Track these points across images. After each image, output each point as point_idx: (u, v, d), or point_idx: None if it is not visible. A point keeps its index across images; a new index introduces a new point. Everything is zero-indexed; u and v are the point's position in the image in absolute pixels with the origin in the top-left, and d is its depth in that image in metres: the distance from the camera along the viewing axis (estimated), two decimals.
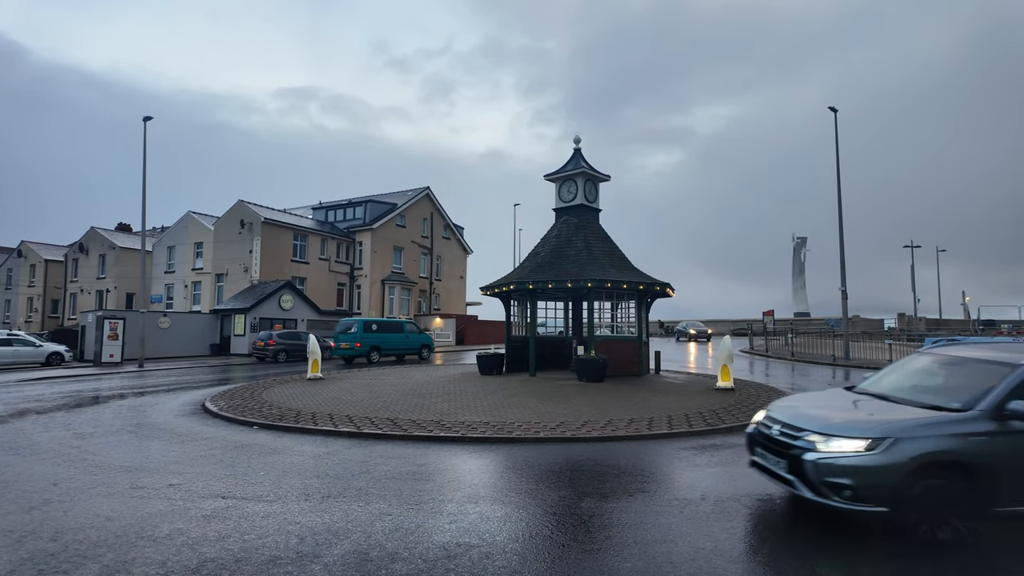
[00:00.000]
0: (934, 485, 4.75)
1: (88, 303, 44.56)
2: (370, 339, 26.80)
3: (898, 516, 4.74)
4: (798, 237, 65.03)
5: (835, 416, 5.40)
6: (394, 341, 28.17)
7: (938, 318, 55.27)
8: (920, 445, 4.80)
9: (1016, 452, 4.86)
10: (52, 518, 5.43)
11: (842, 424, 5.24)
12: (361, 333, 26.46)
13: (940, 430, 4.91)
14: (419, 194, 45.84)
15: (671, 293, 18.43)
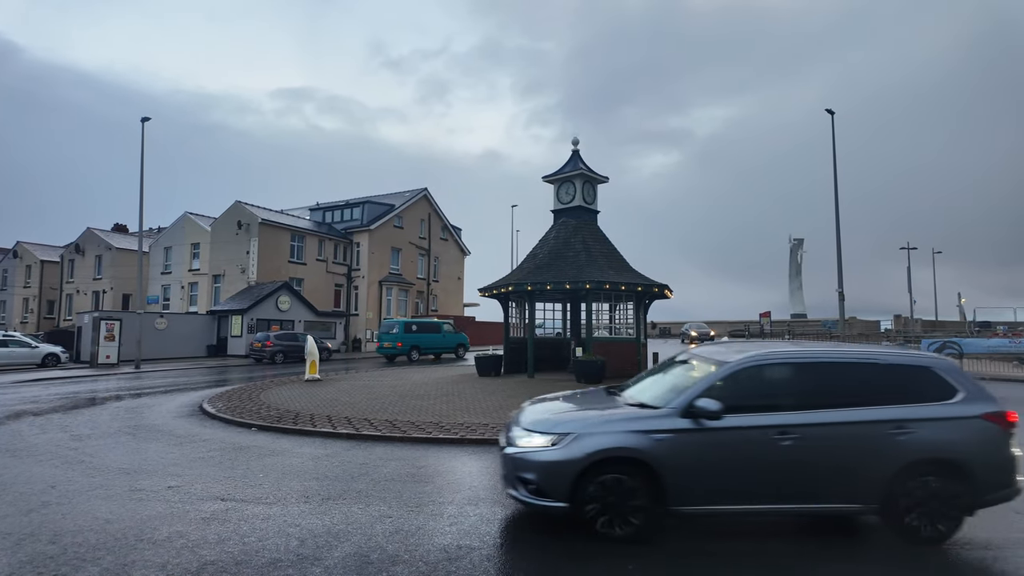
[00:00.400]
0: (611, 481, 4.79)
1: (84, 304, 44.41)
2: (410, 339, 27.89)
3: (578, 511, 4.80)
4: (795, 238, 65.23)
5: (554, 415, 5.44)
6: (432, 341, 28.92)
7: (934, 320, 55.46)
8: (598, 441, 4.86)
9: (700, 451, 4.84)
10: (51, 520, 5.41)
11: (543, 420, 5.31)
12: (402, 333, 27.64)
13: (623, 427, 4.97)
14: (417, 195, 45.81)
15: (669, 295, 18.46)
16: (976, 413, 5.01)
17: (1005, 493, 4.94)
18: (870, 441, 4.86)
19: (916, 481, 4.81)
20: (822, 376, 5.15)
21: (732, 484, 4.83)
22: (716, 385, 5.09)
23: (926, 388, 5.12)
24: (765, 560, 4.65)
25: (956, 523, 4.86)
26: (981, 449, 4.92)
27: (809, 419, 4.91)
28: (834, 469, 4.84)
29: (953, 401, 5.07)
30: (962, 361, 20.94)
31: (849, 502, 4.88)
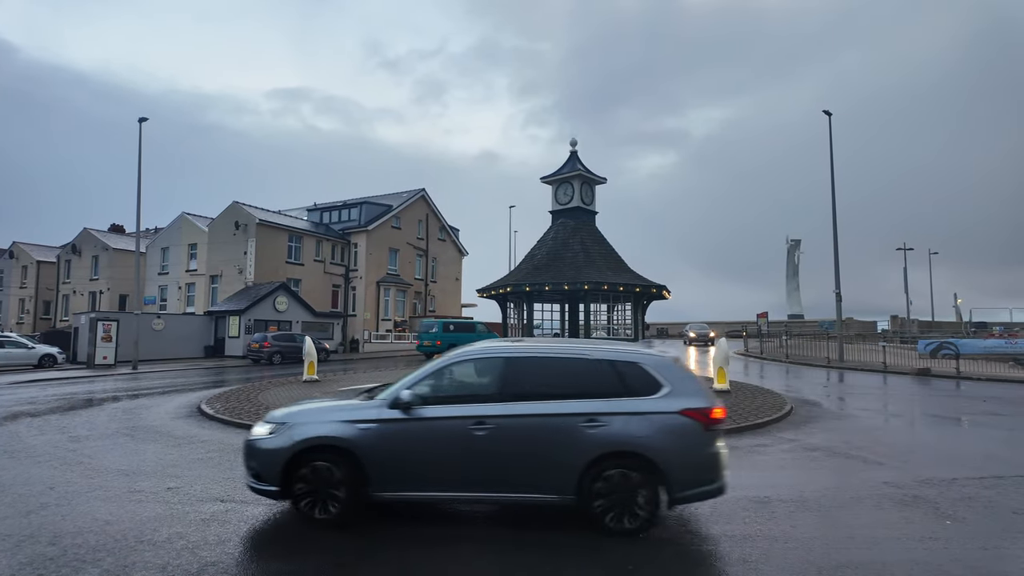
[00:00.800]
0: (320, 468, 5.10)
1: (81, 304, 44.27)
2: (448, 338, 29.03)
3: (288, 495, 5.16)
4: (792, 239, 65.29)
5: (290, 407, 5.71)
6: (468, 339, 29.22)
7: (930, 320, 55.62)
8: (306, 430, 5.19)
9: (402, 440, 5.11)
10: (50, 522, 5.40)
11: (278, 413, 5.64)
12: (440, 332, 29.34)
13: (334, 417, 5.28)
14: (414, 196, 45.80)
15: (667, 295, 18.49)
16: (675, 409, 5.04)
17: (704, 490, 5.00)
18: (562, 433, 5.00)
19: (606, 473, 4.92)
20: (529, 371, 5.33)
21: (432, 472, 5.09)
22: (425, 378, 5.42)
23: (632, 383, 5.19)
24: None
25: (647, 516, 4.90)
26: (675, 444, 4.96)
27: (505, 411, 5.11)
28: (527, 459, 5.01)
29: (655, 396, 5.13)
30: (959, 361, 21.02)
31: (545, 492, 5.01)
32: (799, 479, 6.97)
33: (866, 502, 6.02)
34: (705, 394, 5.22)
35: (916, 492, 6.35)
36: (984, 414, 12.17)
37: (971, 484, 6.65)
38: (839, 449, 8.60)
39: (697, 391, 5.20)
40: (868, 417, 11.77)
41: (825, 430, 10.17)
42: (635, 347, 5.81)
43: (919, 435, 10.39)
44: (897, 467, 7.52)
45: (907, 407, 13.57)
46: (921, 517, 5.54)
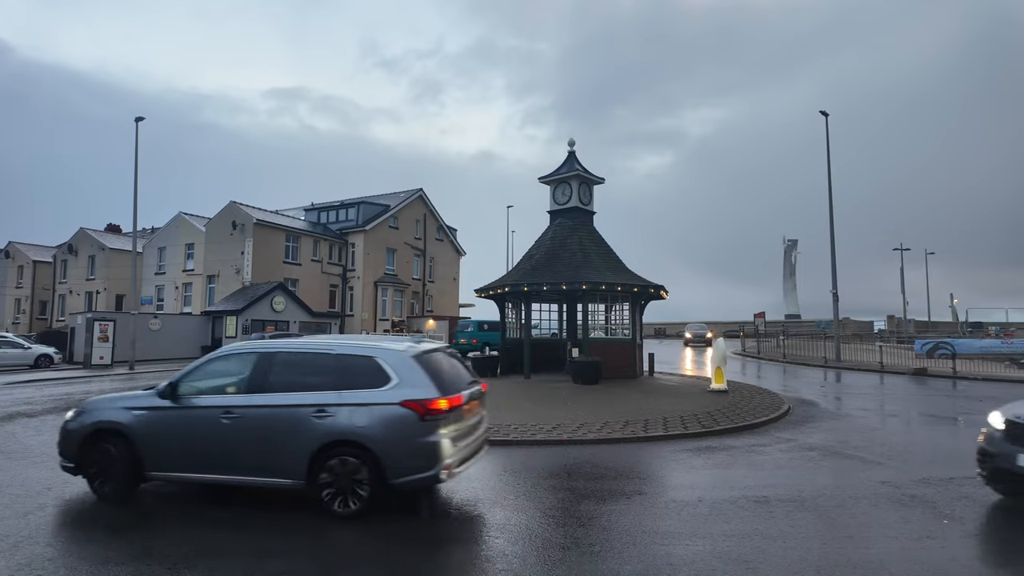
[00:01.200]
0: (102, 448, 5.92)
1: (77, 304, 44.12)
2: (483, 336, 29.90)
3: (82, 472, 6.00)
4: (789, 240, 65.50)
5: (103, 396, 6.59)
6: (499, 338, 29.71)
7: (927, 320, 55.80)
8: (94, 416, 6.11)
9: (166, 426, 5.82)
10: (48, 523, 5.39)
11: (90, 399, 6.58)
12: (476, 331, 30.55)
13: (120, 404, 6.12)
14: (412, 196, 45.77)
15: (664, 295, 18.52)
16: (396, 400, 5.38)
17: (419, 477, 5.32)
18: (293, 423, 5.48)
19: (330, 461, 5.33)
20: (277, 365, 5.85)
21: (192, 456, 5.73)
22: (192, 372, 6.10)
23: (364, 376, 5.57)
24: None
25: (367, 499, 5.29)
26: (390, 434, 5.31)
27: (248, 401, 5.68)
28: (265, 446, 5.52)
29: (382, 388, 5.48)
30: (955, 361, 21.09)
31: (280, 477, 5.50)
32: (797, 479, 6.99)
33: (864, 502, 6.03)
34: (433, 387, 5.48)
35: (914, 492, 6.37)
36: (981, 414, 12.18)
37: (968, 483, 6.67)
38: (837, 449, 8.63)
39: (423, 383, 5.48)
40: (865, 417, 11.80)
41: (823, 430, 10.19)
42: (384, 342, 6.15)
43: (916, 435, 10.43)
44: (895, 467, 7.55)
45: (904, 407, 13.62)
46: (919, 516, 5.56)
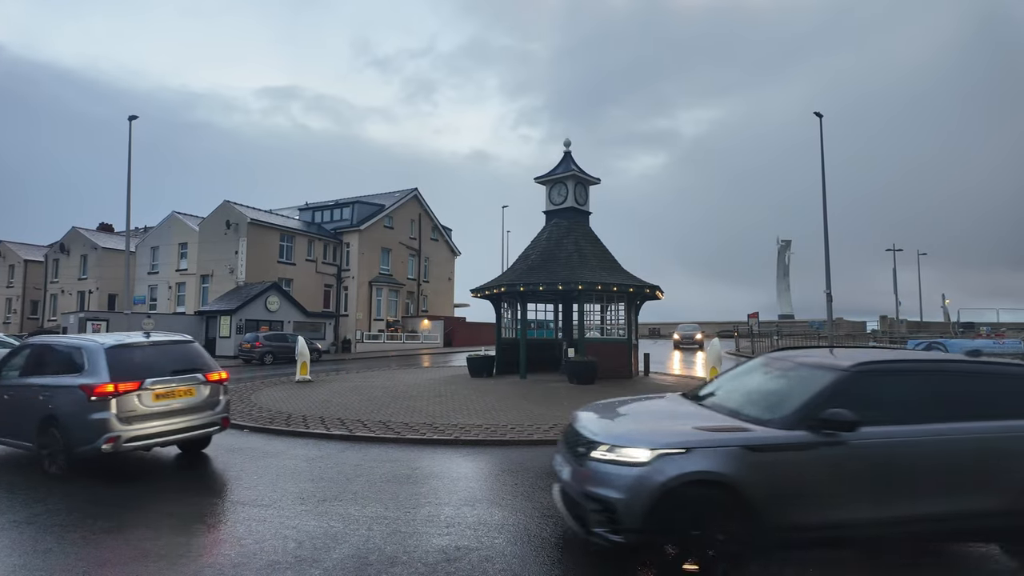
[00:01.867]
0: None
1: (69, 304, 43.81)
2: None
3: None
4: (782, 240, 65.71)
5: None
6: None
7: (919, 320, 56.15)
8: None
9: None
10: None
11: None
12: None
13: None
14: (407, 195, 45.70)
15: (660, 296, 18.58)
16: (77, 384, 6.79)
17: (89, 448, 6.64)
18: (29, 400, 7.19)
19: (46, 430, 6.91)
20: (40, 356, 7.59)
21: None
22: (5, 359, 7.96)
23: (72, 365, 7.09)
24: None
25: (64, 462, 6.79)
26: (71, 410, 6.75)
27: (12, 383, 7.60)
28: (16, 416, 7.36)
29: (76, 375, 6.95)
30: None
31: (23, 440, 7.23)
32: None
33: None
34: (106, 374, 6.79)
35: None
36: None
37: None
38: None
39: (101, 371, 6.82)
40: None
41: None
42: (100, 338, 7.50)
43: None
44: None
45: None
46: None
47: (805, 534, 4.21)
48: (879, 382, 4.57)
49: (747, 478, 4.06)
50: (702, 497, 4.12)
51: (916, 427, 4.33)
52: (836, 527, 4.19)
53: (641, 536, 4.09)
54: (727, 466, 4.09)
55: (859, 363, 4.61)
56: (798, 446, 4.20)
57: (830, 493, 4.17)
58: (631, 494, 4.09)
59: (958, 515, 4.24)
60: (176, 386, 7.28)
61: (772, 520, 4.07)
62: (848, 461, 4.19)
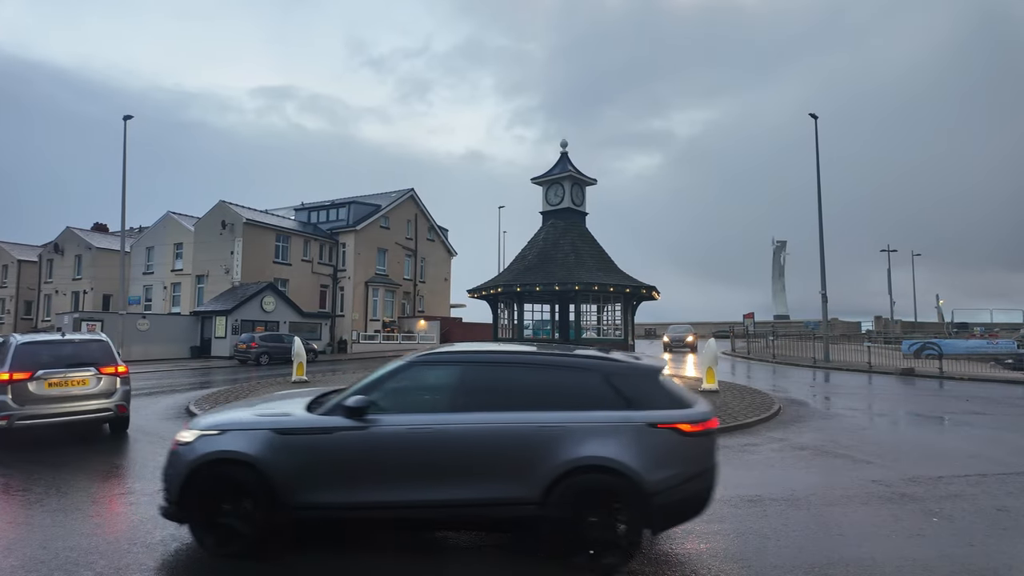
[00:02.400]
0: None
1: (63, 304, 43.59)
2: None
3: None
4: (778, 241, 65.95)
5: None
6: None
7: (913, 321, 56.45)
8: None
9: None
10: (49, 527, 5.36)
11: None
12: None
13: None
14: (403, 195, 45.66)
15: (656, 296, 18.62)
16: None
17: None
18: None
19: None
20: None
21: None
22: None
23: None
24: None
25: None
26: None
27: None
28: None
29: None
30: (942, 362, 21.36)
31: None
32: (789, 478, 7.07)
33: (855, 500, 6.12)
34: (7, 365, 8.14)
35: (903, 490, 6.46)
36: (967, 413, 12.39)
37: (957, 482, 6.78)
38: (827, 448, 8.72)
39: (5, 363, 8.15)
40: (855, 416, 11.94)
41: (813, 429, 10.30)
42: (28, 336, 8.89)
43: (905, 434, 10.57)
44: (885, 466, 7.65)
45: (892, 407, 13.78)
46: (909, 514, 5.64)
47: (327, 513, 4.45)
48: (425, 373, 4.86)
49: (271, 459, 4.37)
50: (226, 475, 4.44)
51: (444, 416, 4.49)
52: (356, 508, 4.41)
53: (179, 508, 4.48)
54: (253, 447, 4.41)
55: (419, 355, 4.92)
56: (322, 431, 4.49)
57: (350, 475, 4.40)
58: (173, 470, 4.58)
59: (478, 502, 4.33)
60: (69, 377, 8.58)
61: (296, 498, 4.36)
62: (367, 446, 4.42)
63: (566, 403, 4.47)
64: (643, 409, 4.43)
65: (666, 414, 4.42)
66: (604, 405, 4.45)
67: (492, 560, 4.62)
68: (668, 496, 4.25)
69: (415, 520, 4.51)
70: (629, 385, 4.57)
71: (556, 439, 4.31)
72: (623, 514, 4.25)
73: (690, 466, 4.38)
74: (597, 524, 4.24)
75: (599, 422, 4.37)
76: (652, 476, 4.20)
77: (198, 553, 4.53)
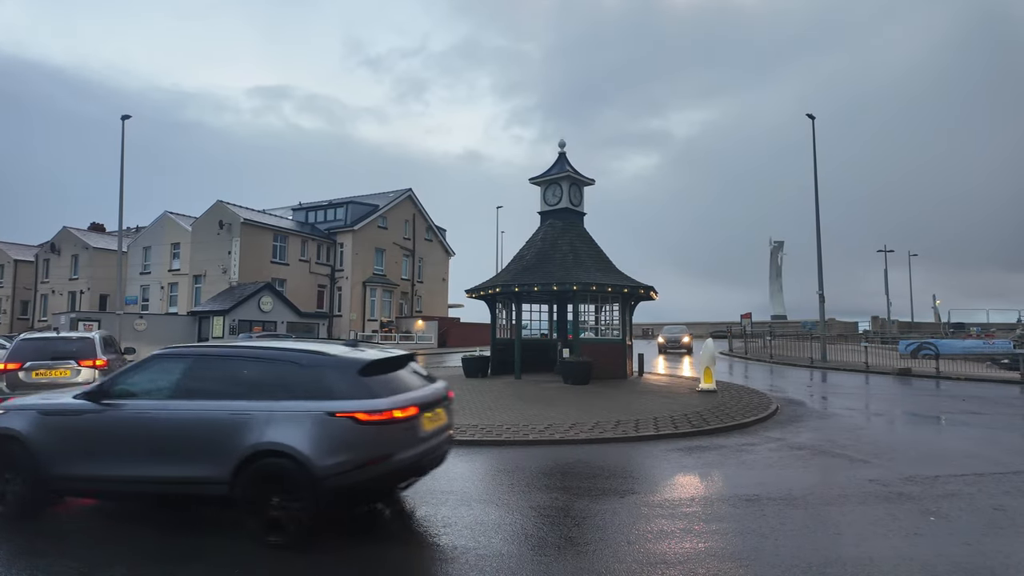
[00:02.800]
0: None
1: (60, 304, 43.48)
2: None
3: None
4: (775, 241, 66.08)
5: None
6: None
7: (910, 321, 56.59)
8: None
9: None
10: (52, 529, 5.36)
11: None
12: None
13: None
14: (401, 196, 45.64)
15: (654, 296, 18.65)
16: None
17: None
18: None
19: None
20: None
21: None
22: None
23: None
24: None
25: None
26: None
27: None
28: None
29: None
30: (938, 362, 21.43)
31: None
32: (787, 477, 7.08)
33: (852, 499, 6.13)
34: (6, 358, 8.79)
35: (900, 489, 6.48)
36: (964, 413, 12.42)
37: (953, 481, 6.80)
38: (825, 448, 8.74)
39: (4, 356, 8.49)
40: (852, 416, 11.96)
41: (810, 429, 10.32)
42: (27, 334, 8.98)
43: (902, 434, 10.59)
44: (881, 465, 7.66)
45: (889, 406, 13.82)
46: (906, 514, 5.65)
47: (77, 484, 5.24)
48: (165, 365, 5.42)
49: (34, 436, 5.19)
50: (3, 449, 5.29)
51: (165, 402, 5.11)
52: (98, 481, 5.13)
53: None
54: (22, 425, 5.26)
55: (161, 350, 5.65)
56: (73, 412, 5.27)
57: (94, 452, 5.10)
58: None
59: (188, 480, 4.89)
60: (53, 368, 9.97)
61: (53, 471, 5.12)
62: (105, 427, 5.14)
63: (265, 393, 4.91)
64: (330, 399, 4.79)
65: (343, 404, 4.76)
66: (296, 395, 4.86)
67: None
68: (340, 480, 4.61)
69: (143, 494, 5.19)
70: (320, 377, 4.95)
71: (244, 425, 4.76)
72: (298, 495, 4.61)
73: (366, 452, 4.71)
74: (278, 504, 4.64)
75: (284, 411, 4.79)
76: (323, 461, 4.58)
77: None
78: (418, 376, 5.66)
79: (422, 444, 5.09)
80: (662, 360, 28.63)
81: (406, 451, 4.92)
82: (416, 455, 5.03)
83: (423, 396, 5.25)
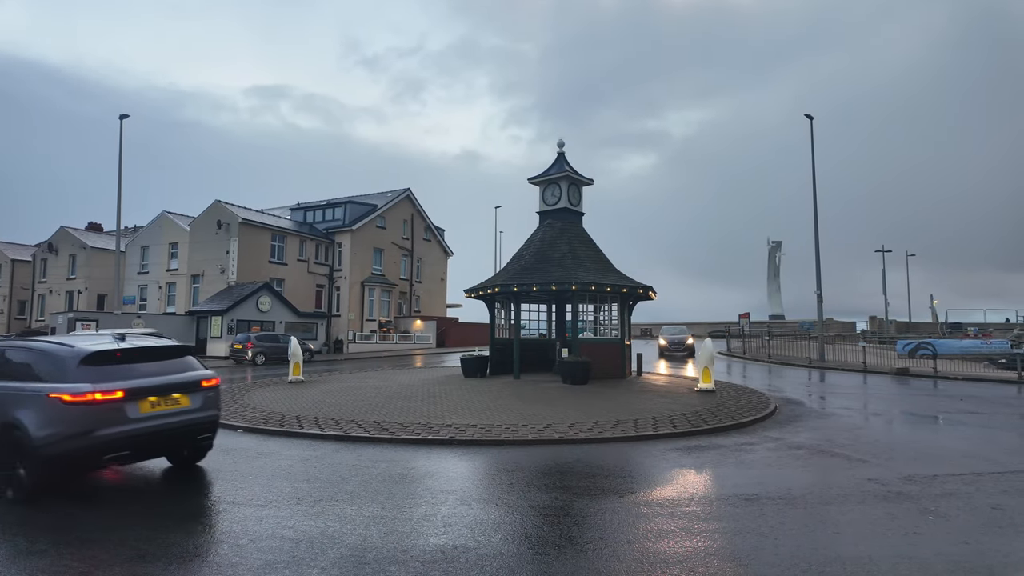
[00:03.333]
0: None
1: (57, 304, 43.35)
2: None
3: None
4: (773, 241, 66.17)
5: None
6: None
7: (908, 321, 56.71)
8: None
9: None
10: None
11: None
12: None
13: None
14: (399, 195, 45.61)
15: (653, 296, 18.67)
16: None
17: None
18: None
19: None
20: None
21: None
22: None
23: None
24: None
25: None
26: None
27: None
28: None
29: None
30: (936, 361, 21.48)
31: None
32: (786, 477, 7.09)
33: (851, 499, 6.14)
34: None
35: (899, 489, 6.50)
36: (961, 412, 12.46)
37: (951, 480, 6.82)
38: (823, 447, 8.76)
39: None
40: (850, 416, 11.99)
41: (809, 429, 10.34)
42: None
43: (900, 433, 10.61)
44: (880, 464, 7.69)
45: (887, 406, 13.84)
46: (904, 513, 5.67)
47: None
48: None
49: None
50: None
51: None
52: None
53: None
54: None
55: None
56: None
57: None
58: None
59: None
60: None
61: None
62: None
63: (17, 376, 6.18)
64: (52, 383, 5.88)
65: (56, 387, 5.80)
66: (36, 379, 6.04)
67: None
68: (51, 449, 5.66)
69: None
70: (51, 364, 6.11)
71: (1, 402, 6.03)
72: (24, 461, 5.77)
73: (70, 427, 5.69)
74: (12, 466, 5.84)
75: (22, 391, 6.00)
76: (38, 433, 5.69)
77: None
78: (172, 365, 6.86)
79: (132, 424, 5.99)
80: (662, 360, 28.54)
81: (110, 428, 5.83)
82: (123, 432, 5.91)
83: (143, 384, 6.18)
